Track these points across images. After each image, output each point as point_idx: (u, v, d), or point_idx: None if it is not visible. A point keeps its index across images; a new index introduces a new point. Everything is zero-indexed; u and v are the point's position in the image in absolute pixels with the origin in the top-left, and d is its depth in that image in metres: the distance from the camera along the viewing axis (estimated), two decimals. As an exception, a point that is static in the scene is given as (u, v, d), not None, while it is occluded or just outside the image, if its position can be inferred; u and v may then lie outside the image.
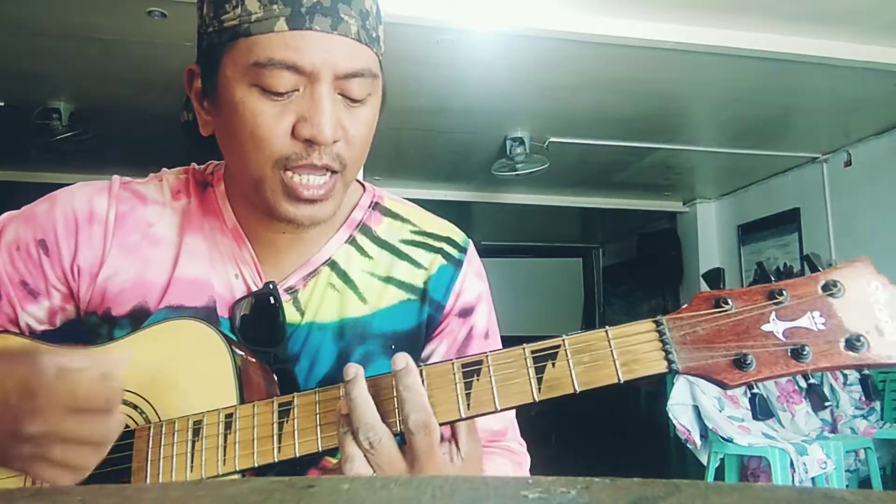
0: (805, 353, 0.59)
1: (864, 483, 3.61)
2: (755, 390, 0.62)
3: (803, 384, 3.76)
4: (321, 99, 0.70)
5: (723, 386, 0.60)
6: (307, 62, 0.69)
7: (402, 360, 0.62)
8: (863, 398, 3.74)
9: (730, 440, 3.17)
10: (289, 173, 0.72)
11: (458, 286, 0.86)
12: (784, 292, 0.61)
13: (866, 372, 0.61)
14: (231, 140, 0.74)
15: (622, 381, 0.61)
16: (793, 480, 3.01)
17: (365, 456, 0.61)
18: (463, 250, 0.89)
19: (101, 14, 2.95)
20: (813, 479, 3.04)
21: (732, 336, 0.60)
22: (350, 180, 0.78)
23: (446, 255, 0.87)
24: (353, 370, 0.63)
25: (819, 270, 0.62)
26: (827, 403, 3.60)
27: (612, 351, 0.62)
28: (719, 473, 3.37)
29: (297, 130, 0.70)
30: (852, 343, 0.59)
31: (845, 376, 3.77)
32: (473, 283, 0.88)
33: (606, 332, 0.62)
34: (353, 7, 0.72)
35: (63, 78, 3.67)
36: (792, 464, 3.05)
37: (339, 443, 0.63)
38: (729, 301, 0.61)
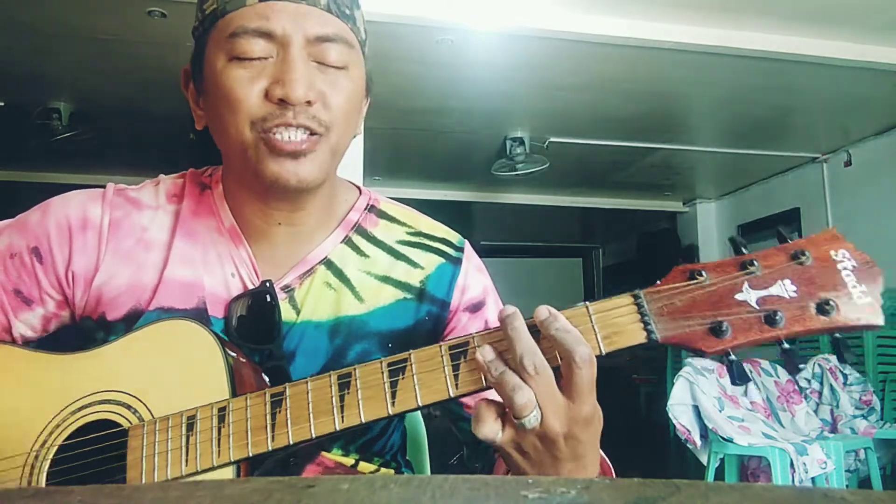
0: (778, 318, 0.61)
1: (864, 483, 3.61)
2: (732, 357, 0.64)
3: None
4: (292, 60, 0.73)
5: (701, 353, 0.62)
6: (277, 27, 0.73)
7: (545, 310, 0.63)
8: (861, 397, 3.74)
9: (730, 440, 3.17)
10: (268, 134, 0.73)
11: (461, 282, 0.88)
12: (755, 263, 0.63)
13: (837, 335, 0.62)
14: (215, 116, 0.76)
15: (604, 353, 0.63)
16: (793, 480, 3.01)
17: (527, 383, 0.61)
18: (459, 249, 0.90)
19: (101, 14, 2.95)
20: (813, 479, 3.04)
21: (708, 306, 0.63)
22: (337, 147, 0.78)
23: (443, 255, 0.88)
24: (512, 308, 0.64)
25: (788, 241, 0.64)
26: (801, 365, 3.58)
27: (593, 325, 0.63)
28: (719, 473, 3.36)
29: (269, 92, 0.73)
30: (822, 307, 0.61)
31: (845, 376, 3.77)
32: (477, 278, 0.90)
33: (587, 307, 0.64)
34: None
35: (63, 78, 3.67)
36: (792, 464, 3.05)
37: (498, 384, 0.61)
38: (703, 273, 0.64)
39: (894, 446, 3.85)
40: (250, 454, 0.66)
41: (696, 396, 3.28)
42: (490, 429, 0.62)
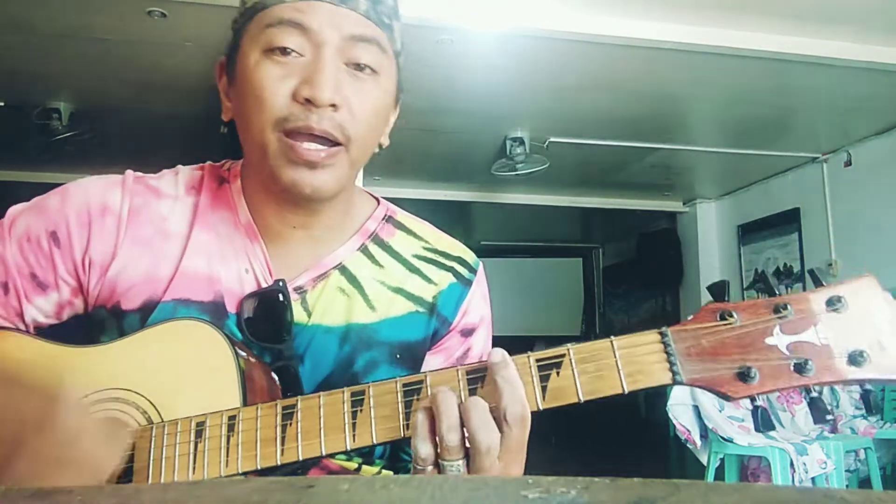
0: (808, 367, 0.59)
1: (864, 483, 3.60)
2: (757, 403, 0.62)
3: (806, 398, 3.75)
4: (322, 60, 0.72)
5: (726, 398, 0.61)
6: (313, 22, 0.72)
7: (499, 353, 0.62)
8: (861, 397, 3.73)
9: (730, 440, 3.17)
10: (289, 140, 0.72)
11: (465, 305, 0.88)
12: (788, 306, 0.61)
13: (868, 387, 0.61)
14: (241, 112, 0.76)
15: (626, 392, 0.62)
16: (793, 480, 3.01)
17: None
18: (473, 271, 0.90)
19: (101, 14, 2.95)
20: (813, 479, 3.04)
21: (737, 349, 0.61)
22: (357, 159, 0.78)
23: (457, 274, 0.88)
24: (501, 353, 0.63)
25: (823, 285, 0.62)
26: (829, 417, 3.59)
27: (616, 361, 0.62)
28: (719, 473, 3.36)
29: (296, 91, 0.72)
30: (855, 358, 0.59)
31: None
32: (479, 304, 0.90)
33: (612, 342, 0.63)
34: None
35: (63, 78, 3.67)
36: (792, 464, 3.05)
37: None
38: (734, 314, 0.62)
39: (894, 446, 3.85)
40: (259, 467, 0.66)
41: (696, 396, 3.28)
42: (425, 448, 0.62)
